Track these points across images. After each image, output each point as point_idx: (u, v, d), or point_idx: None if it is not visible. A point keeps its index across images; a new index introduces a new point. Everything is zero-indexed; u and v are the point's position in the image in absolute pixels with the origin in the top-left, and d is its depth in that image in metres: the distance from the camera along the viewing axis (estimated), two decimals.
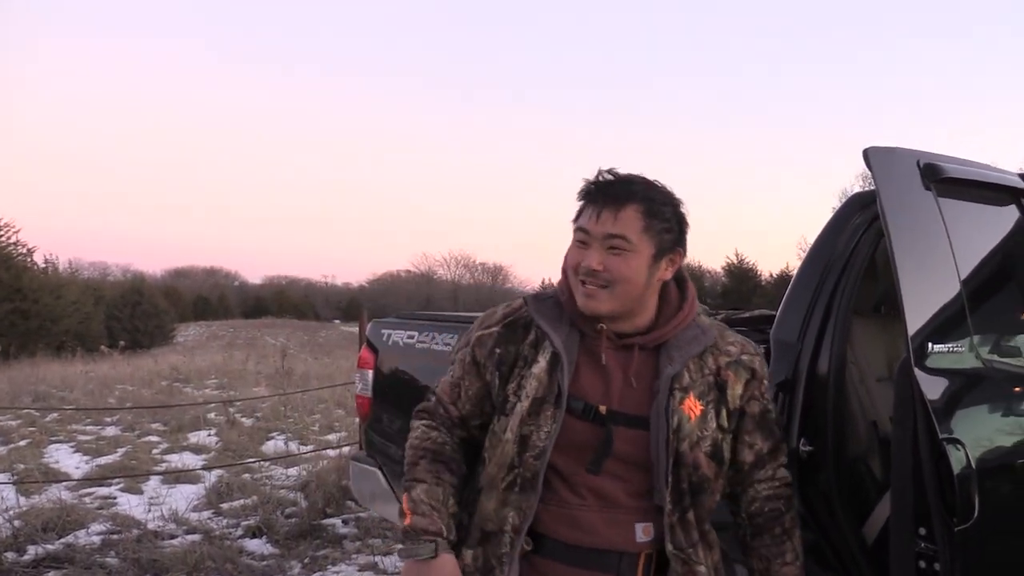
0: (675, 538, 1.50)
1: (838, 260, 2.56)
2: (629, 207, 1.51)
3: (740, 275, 37.05)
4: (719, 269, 39.65)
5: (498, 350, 1.59)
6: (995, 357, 1.94)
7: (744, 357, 1.60)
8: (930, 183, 1.80)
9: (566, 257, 1.58)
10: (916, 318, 1.60)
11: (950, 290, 1.74)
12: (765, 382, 1.62)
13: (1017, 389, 1.97)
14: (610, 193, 1.52)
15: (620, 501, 1.53)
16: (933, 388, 1.57)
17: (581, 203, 1.56)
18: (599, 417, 1.52)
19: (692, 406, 1.52)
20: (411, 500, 1.54)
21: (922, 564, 1.52)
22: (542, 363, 1.54)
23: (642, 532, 1.52)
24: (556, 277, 1.68)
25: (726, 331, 1.64)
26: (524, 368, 1.56)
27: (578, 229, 1.54)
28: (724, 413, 1.56)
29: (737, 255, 37.91)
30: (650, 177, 1.59)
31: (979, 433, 1.67)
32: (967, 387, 1.71)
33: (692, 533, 1.52)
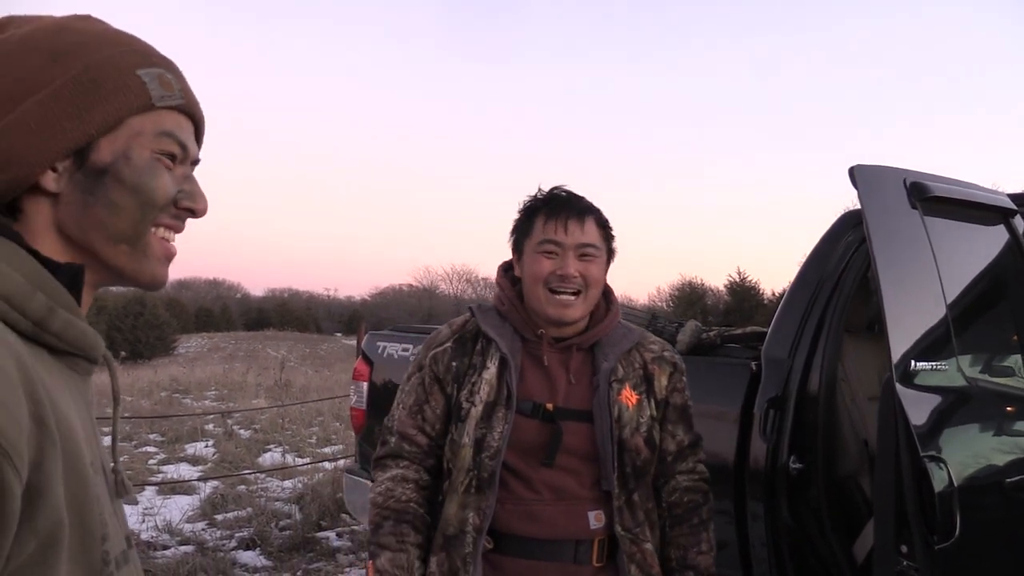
0: (623, 520, 1.61)
1: (830, 278, 2.57)
2: (590, 218, 1.67)
3: (742, 293, 36.93)
4: (721, 287, 39.55)
5: (454, 363, 1.69)
6: (982, 376, 1.94)
7: (666, 354, 1.76)
8: (916, 202, 1.81)
9: (531, 269, 1.67)
10: (900, 336, 1.61)
11: (935, 308, 1.74)
12: (684, 378, 1.77)
13: (1008, 408, 1.97)
14: (573, 207, 1.67)
15: (573, 492, 1.62)
16: (916, 406, 1.57)
17: (535, 218, 1.69)
18: (547, 415, 1.62)
19: (629, 396, 1.66)
20: (377, 570, 1.59)
21: None
22: (492, 368, 1.65)
23: (594, 519, 1.62)
24: None
25: (647, 333, 1.80)
26: (475, 375, 1.66)
27: (546, 241, 1.65)
28: (653, 403, 1.70)
29: (739, 273, 37.79)
30: None
31: (963, 451, 1.66)
32: (952, 406, 1.71)
33: (638, 513, 1.64)
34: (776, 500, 2.41)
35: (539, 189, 1.73)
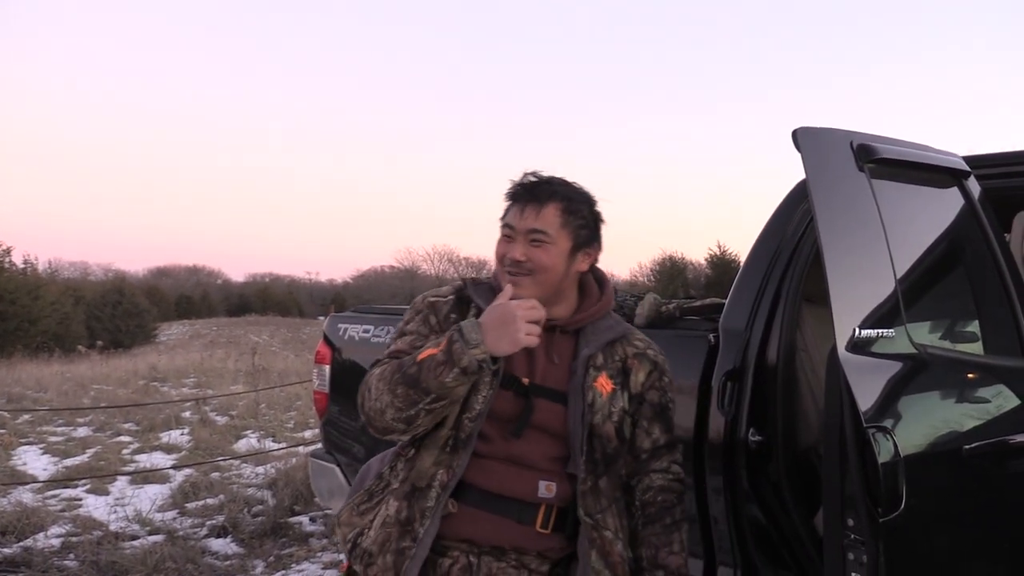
0: (586, 504, 1.65)
1: (786, 247, 2.52)
2: (550, 205, 1.69)
3: (723, 266, 37.09)
4: (702, 261, 39.69)
5: (453, 315, 1.74)
6: (937, 343, 1.89)
7: (649, 352, 1.81)
8: (863, 164, 1.76)
9: (495, 249, 1.75)
10: (844, 303, 1.56)
11: (883, 274, 1.69)
12: (666, 378, 1.81)
13: (966, 375, 1.92)
14: (533, 193, 1.70)
15: (530, 462, 1.66)
16: (862, 375, 1.52)
17: (508, 202, 1.74)
18: (522, 388, 1.67)
19: (604, 383, 1.70)
20: (423, 355, 1.58)
21: (850, 556, 1.48)
22: None
23: (544, 489, 1.66)
24: None
25: (635, 331, 1.83)
26: None
27: (504, 225, 1.72)
28: (626, 396, 1.74)
29: (720, 246, 37.98)
30: (569, 179, 1.77)
31: (913, 420, 1.62)
32: (901, 374, 1.66)
33: (602, 500, 1.67)
34: (736, 473, 2.37)
35: (523, 173, 1.76)
